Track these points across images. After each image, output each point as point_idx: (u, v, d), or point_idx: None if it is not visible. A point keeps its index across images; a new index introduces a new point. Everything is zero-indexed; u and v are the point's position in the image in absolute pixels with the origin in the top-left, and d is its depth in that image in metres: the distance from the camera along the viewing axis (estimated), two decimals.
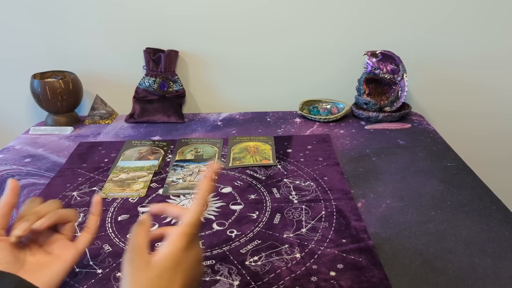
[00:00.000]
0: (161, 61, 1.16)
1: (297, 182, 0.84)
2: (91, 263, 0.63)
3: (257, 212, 0.74)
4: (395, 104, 1.13)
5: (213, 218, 0.73)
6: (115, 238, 0.68)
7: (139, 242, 0.45)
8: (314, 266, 0.61)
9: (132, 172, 0.89)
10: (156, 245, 0.62)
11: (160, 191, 0.82)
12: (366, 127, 1.10)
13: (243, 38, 1.20)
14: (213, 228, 0.70)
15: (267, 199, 0.78)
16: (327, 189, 0.81)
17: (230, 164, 0.92)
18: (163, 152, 0.97)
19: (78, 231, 0.65)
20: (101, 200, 0.57)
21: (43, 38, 1.19)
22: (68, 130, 1.12)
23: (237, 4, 1.16)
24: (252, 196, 0.79)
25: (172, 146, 1.01)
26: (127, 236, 0.69)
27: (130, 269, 0.43)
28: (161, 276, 0.42)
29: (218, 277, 0.60)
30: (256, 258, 0.63)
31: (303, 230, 0.69)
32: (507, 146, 1.31)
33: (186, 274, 0.45)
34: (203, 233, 0.69)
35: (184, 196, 0.80)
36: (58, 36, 1.19)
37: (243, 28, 1.18)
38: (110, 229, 0.71)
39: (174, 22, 1.18)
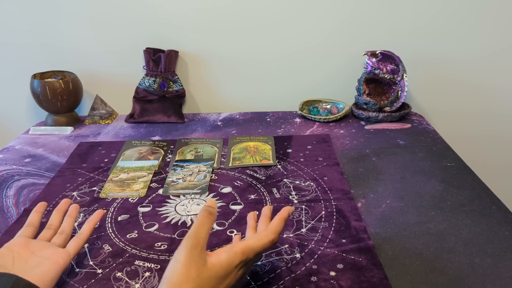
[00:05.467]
0: (161, 61, 1.16)
1: (297, 182, 0.84)
2: (91, 263, 0.63)
3: (257, 212, 0.74)
4: (395, 104, 1.13)
5: None
6: (115, 238, 0.68)
7: (202, 234, 0.46)
8: (314, 266, 0.61)
9: (132, 172, 0.89)
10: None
11: (160, 191, 0.82)
12: (366, 127, 1.10)
13: (243, 38, 1.20)
14: (213, 228, 0.70)
15: (267, 199, 0.78)
16: (327, 189, 0.81)
17: (230, 164, 0.92)
18: (163, 152, 0.97)
19: (78, 229, 0.65)
20: (103, 214, 0.66)
21: (43, 38, 1.19)
22: (68, 130, 1.12)
23: (238, 4, 1.16)
24: (252, 196, 0.79)
25: (172, 146, 1.00)
26: (128, 236, 0.69)
27: (187, 256, 0.44)
28: (210, 280, 0.44)
29: None
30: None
31: (303, 230, 0.69)
32: (507, 146, 1.31)
33: None
34: None
35: (184, 196, 0.80)
36: (58, 36, 1.19)
37: (244, 28, 1.18)
38: (110, 229, 0.71)
39: (174, 22, 1.18)
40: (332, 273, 0.59)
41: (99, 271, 0.61)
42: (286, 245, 0.66)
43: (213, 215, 0.49)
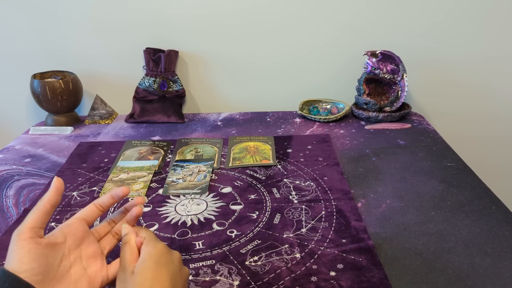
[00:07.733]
0: (161, 61, 1.16)
1: (297, 182, 0.84)
2: None
3: (257, 212, 0.74)
4: (395, 104, 1.13)
5: (213, 218, 0.73)
6: None
7: (126, 260, 0.48)
8: (314, 266, 0.61)
9: (132, 172, 0.89)
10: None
11: (160, 191, 0.82)
12: (366, 127, 1.10)
13: (243, 38, 1.20)
14: (213, 228, 0.70)
15: (267, 199, 0.78)
16: (327, 189, 0.81)
17: (230, 164, 0.92)
18: (163, 152, 0.97)
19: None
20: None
21: (43, 38, 1.19)
22: (68, 130, 1.12)
23: (237, 4, 1.16)
24: (252, 196, 0.79)
25: (172, 146, 1.00)
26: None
27: (119, 285, 0.47)
28: (142, 275, 0.45)
29: (218, 277, 0.60)
30: (256, 258, 0.63)
31: (303, 230, 0.69)
32: (506, 146, 1.31)
33: (171, 273, 0.47)
34: (203, 233, 0.69)
35: (184, 196, 0.80)
36: (58, 36, 1.19)
37: (243, 28, 1.18)
38: None
39: (174, 22, 1.18)
40: (332, 273, 0.59)
41: None
42: (286, 245, 0.66)
43: (130, 242, 0.51)
